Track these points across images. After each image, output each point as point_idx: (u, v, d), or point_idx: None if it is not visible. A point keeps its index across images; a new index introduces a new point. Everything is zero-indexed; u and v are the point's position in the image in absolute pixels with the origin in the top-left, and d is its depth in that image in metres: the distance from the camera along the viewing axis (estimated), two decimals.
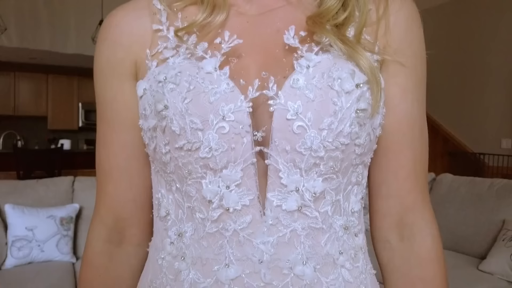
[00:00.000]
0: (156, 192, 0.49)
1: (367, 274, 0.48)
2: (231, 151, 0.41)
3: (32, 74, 6.50)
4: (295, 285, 0.41)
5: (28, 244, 2.32)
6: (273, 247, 0.41)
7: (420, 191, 0.50)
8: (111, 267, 0.51)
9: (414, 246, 0.49)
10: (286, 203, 0.42)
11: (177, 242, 0.45)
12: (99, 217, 0.51)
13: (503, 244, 2.19)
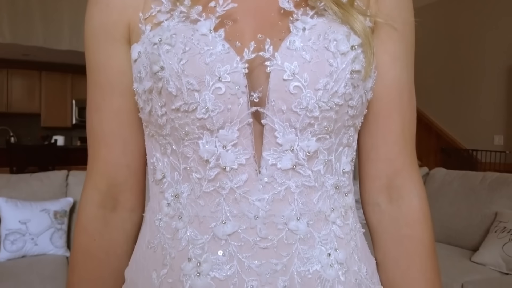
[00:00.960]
0: (150, 157, 0.49)
1: (357, 232, 0.49)
2: (227, 111, 0.42)
3: (25, 71, 6.46)
4: (289, 239, 0.43)
5: (22, 237, 2.31)
6: (268, 203, 0.43)
7: (408, 155, 0.52)
8: (105, 232, 0.51)
9: (402, 207, 0.51)
10: (281, 162, 0.43)
11: (173, 203, 0.45)
12: (92, 182, 0.51)
13: (495, 235, 2.21)
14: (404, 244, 0.50)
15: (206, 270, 0.42)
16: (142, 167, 0.52)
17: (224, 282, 0.42)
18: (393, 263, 0.51)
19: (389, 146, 0.51)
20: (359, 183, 0.55)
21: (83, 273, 0.50)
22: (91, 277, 0.50)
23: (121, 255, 0.52)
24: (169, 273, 0.44)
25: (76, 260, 0.50)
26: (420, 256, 0.50)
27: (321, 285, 0.43)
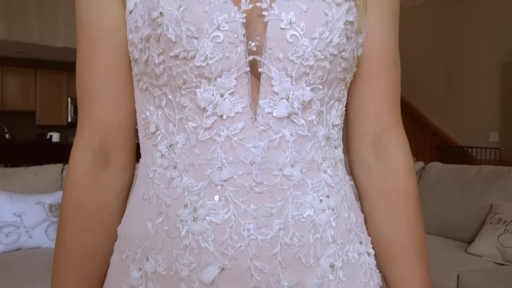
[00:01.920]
0: (143, 112, 0.49)
1: (346, 183, 0.52)
2: (225, 60, 0.42)
3: (20, 68, 6.44)
4: (284, 185, 0.44)
5: (16, 230, 2.29)
6: (264, 150, 0.44)
7: (395, 113, 0.55)
8: (97, 188, 0.50)
9: (389, 163, 0.53)
10: (277, 110, 0.44)
11: (168, 154, 0.46)
12: (84, 139, 0.50)
13: (490, 227, 2.22)
14: (392, 197, 0.53)
15: (202, 215, 0.43)
16: (133, 126, 0.52)
17: (221, 226, 0.43)
18: (381, 215, 0.53)
19: (377, 104, 0.54)
20: (347, 143, 0.57)
21: (75, 228, 0.49)
22: (82, 232, 0.49)
23: (113, 213, 0.51)
24: (165, 221, 0.45)
25: (67, 216, 0.50)
26: (406, 207, 0.53)
27: (314, 229, 0.45)
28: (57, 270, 0.49)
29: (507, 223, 2.15)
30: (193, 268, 0.43)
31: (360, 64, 0.52)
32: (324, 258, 0.45)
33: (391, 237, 0.52)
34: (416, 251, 0.52)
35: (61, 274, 0.49)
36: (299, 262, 0.44)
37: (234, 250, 0.42)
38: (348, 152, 0.57)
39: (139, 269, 0.46)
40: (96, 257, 0.50)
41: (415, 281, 0.51)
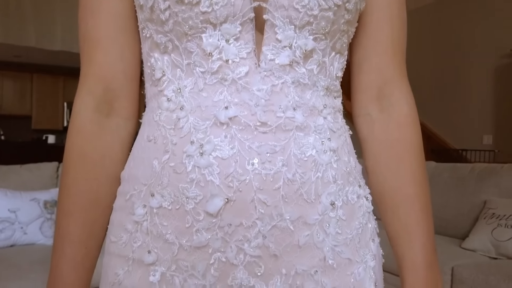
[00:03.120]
0: (148, 60, 0.50)
1: (346, 131, 0.53)
2: (230, 6, 0.43)
3: (16, 73, 6.44)
4: (287, 126, 0.46)
5: (11, 226, 2.28)
6: (268, 94, 0.45)
7: (398, 65, 0.54)
8: (100, 136, 0.50)
9: (393, 114, 0.53)
10: (279, 57, 0.45)
11: (175, 97, 0.47)
12: (87, 87, 0.51)
13: (484, 222, 2.24)
14: (395, 147, 0.53)
15: (208, 151, 0.44)
16: (138, 77, 0.53)
17: (226, 160, 0.44)
18: (384, 166, 0.53)
19: (379, 56, 0.54)
20: (351, 98, 0.57)
21: (78, 175, 0.49)
22: (86, 178, 0.50)
23: (116, 161, 0.52)
24: (171, 158, 0.46)
25: (70, 162, 0.50)
26: (409, 158, 0.52)
27: (315, 168, 0.47)
28: (61, 216, 0.50)
29: (500, 218, 2.17)
30: (199, 201, 0.44)
31: (363, 16, 0.52)
32: (325, 196, 0.47)
33: (394, 188, 0.52)
34: (420, 202, 0.52)
35: (65, 220, 0.49)
36: (301, 198, 0.46)
37: (238, 183, 0.44)
38: (351, 106, 0.57)
39: (144, 206, 0.47)
40: (100, 204, 0.50)
41: (419, 232, 0.51)
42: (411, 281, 0.51)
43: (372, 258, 0.51)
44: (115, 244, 0.49)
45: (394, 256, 0.53)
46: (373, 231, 0.52)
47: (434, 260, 0.52)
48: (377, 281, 0.51)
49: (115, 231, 0.49)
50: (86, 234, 0.49)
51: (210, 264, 0.45)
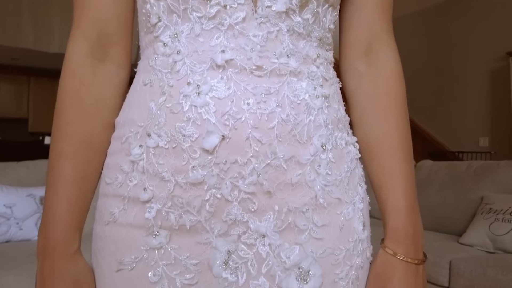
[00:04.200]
0: (143, 7, 0.50)
1: (336, 83, 0.55)
2: None
3: (13, 76, 6.43)
4: (281, 70, 0.47)
5: (6, 221, 2.27)
6: (263, 40, 0.47)
7: (387, 22, 0.57)
8: (94, 80, 0.50)
9: (380, 69, 0.56)
10: (276, 4, 0.47)
11: (171, 42, 0.47)
12: (81, 31, 0.51)
13: (481, 217, 2.24)
14: (381, 100, 0.55)
15: (205, 91, 0.45)
16: (131, 24, 0.53)
17: (222, 100, 0.45)
18: (370, 118, 0.56)
19: (369, 11, 0.56)
20: (339, 53, 0.59)
21: (72, 116, 0.49)
22: (79, 120, 0.49)
23: (110, 107, 0.52)
24: (168, 99, 0.46)
25: (64, 104, 0.50)
26: (395, 110, 0.55)
27: (307, 111, 0.49)
28: (54, 158, 0.49)
29: (497, 212, 2.17)
30: (195, 139, 0.45)
31: None
32: (317, 138, 0.49)
33: (380, 138, 0.55)
34: (403, 151, 0.54)
35: (58, 161, 0.49)
36: (294, 139, 0.47)
37: (234, 121, 0.45)
38: (340, 62, 0.59)
39: (141, 146, 0.47)
40: (93, 146, 0.50)
41: (402, 178, 0.53)
42: (393, 223, 0.53)
43: (361, 200, 0.53)
44: (110, 186, 0.49)
45: (377, 202, 0.56)
46: (361, 177, 0.55)
47: (415, 205, 0.54)
48: (365, 223, 0.53)
49: (110, 173, 0.49)
50: (80, 175, 0.49)
51: (205, 200, 0.46)
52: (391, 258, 0.52)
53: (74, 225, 0.49)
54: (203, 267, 0.46)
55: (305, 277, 0.47)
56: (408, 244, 0.52)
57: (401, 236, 0.52)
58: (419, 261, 0.53)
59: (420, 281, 0.53)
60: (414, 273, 0.52)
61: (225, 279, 0.46)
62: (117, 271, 0.47)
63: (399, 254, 0.52)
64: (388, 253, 0.52)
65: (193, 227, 0.46)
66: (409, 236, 0.52)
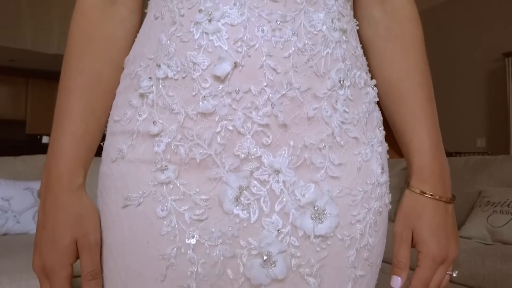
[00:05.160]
0: None
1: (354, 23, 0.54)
2: None
3: (11, 78, 6.43)
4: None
5: (4, 214, 2.26)
6: None
7: None
8: (105, 21, 0.50)
9: (396, 14, 0.56)
10: None
11: None
12: None
13: (479, 209, 2.24)
14: (399, 42, 0.55)
15: (217, 17, 0.44)
16: None
17: (235, 27, 0.44)
18: (389, 61, 0.55)
19: None
20: (353, 3, 0.59)
21: (80, 54, 0.49)
22: (89, 59, 0.49)
23: (119, 48, 0.51)
24: (178, 29, 0.45)
25: (73, 43, 0.50)
26: (413, 51, 0.55)
27: (325, 43, 0.47)
28: (62, 95, 0.49)
29: (495, 205, 2.18)
30: (206, 67, 0.44)
31: None
32: (334, 72, 0.47)
33: (400, 78, 0.54)
34: (424, 90, 0.54)
35: (65, 98, 0.49)
36: (311, 70, 0.45)
37: (247, 48, 0.44)
38: (355, 10, 0.59)
39: (150, 78, 0.46)
40: (102, 85, 0.50)
41: (424, 116, 0.53)
42: (418, 162, 0.52)
43: (379, 144, 0.51)
44: (118, 123, 0.48)
45: (400, 147, 0.55)
46: (379, 121, 0.53)
47: (440, 144, 0.53)
48: (383, 167, 0.51)
49: (118, 110, 0.49)
50: (87, 111, 0.48)
51: (216, 132, 0.44)
52: (419, 197, 0.51)
53: (78, 160, 0.48)
54: (213, 202, 0.44)
55: (321, 216, 0.45)
56: (435, 182, 0.51)
57: (427, 174, 0.51)
58: (448, 199, 0.51)
59: (450, 220, 0.52)
60: (443, 212, 0.51)
61: (236, 215, 0.44)
62: (124, 207, 0.46)
63: (427, 192, 0.51)
64: (415, 192, 0.51)
65: (203, 161, 0.44)
66: (435, 173, 0.51)
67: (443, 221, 0.51)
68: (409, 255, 0.52)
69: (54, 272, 0.45)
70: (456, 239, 0.52)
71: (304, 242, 0.45)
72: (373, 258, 0.50)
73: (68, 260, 0.46)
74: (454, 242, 0.52)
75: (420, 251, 0.51)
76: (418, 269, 0.50)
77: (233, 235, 0.44)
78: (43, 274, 0.46)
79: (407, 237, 0.51)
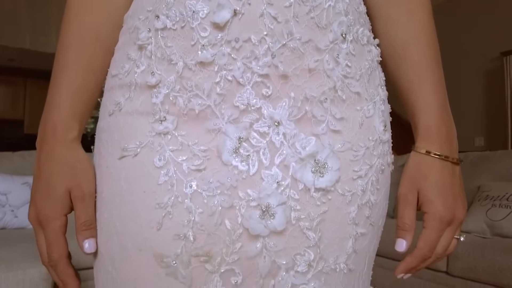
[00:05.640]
0: None
1: None
2: None
3: (10, 78, 6.43)
4: None
5: (1, 208, 2.25)
6: None
7: None
8: None
9: None
10: None
11: None
12: None
13: (478, 204, 2.24)
14: (404, 5, 0.54)
15: None
16: None
17: None
18: (395, 23, 0.54)
19: None
20: None
21: (79, 10, 0.49)
22: (87, 14, 0.49)
23: (119, 6, 0.50)
24: None
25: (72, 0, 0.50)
26: (420, 12, 0.54)
27: None
28: (59, 50, 0.49)
29: (494, 199, 2.17)
30: (205, 15, 0.43)
31: None
32: (336, 24, 0.46)
33: (406, 40, 0.53)
34: (430, 51, 0.53)
35: (62, 52, 0.48)
36: (312, 22, 0.45)
37: None
38: None
39: (149, 30, 0.45)
40: (99, 41, 0.49)
41: (430, 77, 0.53)
42: (425, 122, 0.51)
43: (381, 102, 0.51)
44: (116, 77, 0.48)
45: (406, 111, 0.54)
46: (382, 81, 0.52)
47: (446, 104, 0.53)
48: (386, 124, 0.51)
49: (116, 65, 0.48)
50: (83, 66, 0.48)
51: (215, 83, 0.43)
52: (425, 158, 0.50)
53: (72, 113, 0.47)
54: (212, 154, 0.44)
55: (321, 169, 0.45)
56: (442, 142, 0.50)
57: (434, 134, 0.51)
58: (455, 160, 0.51)
59: (457, 182, 0.51)
60: (450, 172, 0.50)
61: (235, 167, 0.43)
62: (120, 158, 0.45)
63: (433, 152, 0.50)
64: (421, 153, 0.51)
65: (202, 112, 0.44)
66: (442, 134, 0.51)
67: (450, 181, 0.50)
68: (414, 217, 0.50)
69: (48, 221, 0.45)
70: (463, 201, 0.51)
71: (304, 196, 0.45)
72: (374, 217, 0.49)
73: (62, 210, 0.46)
74: (461, 204, 0.50)
75: (427, 211, 0.50)
76: (425, 230, 0.49)
77: (231, 185, 0.43)
78: (38, 224, 0.47)
79: (412, 199, 0.50)
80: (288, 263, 0.45)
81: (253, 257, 0.44)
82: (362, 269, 0.50)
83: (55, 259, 0.46)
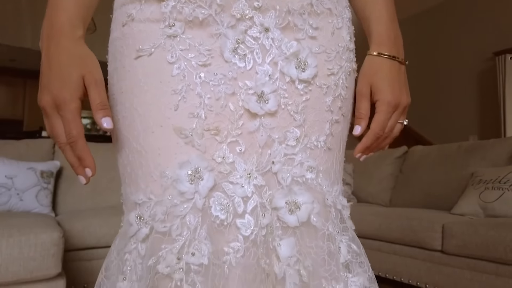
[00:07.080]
0: None
1: None
2: None
3: (10, 78, 6.47)
4: None
5: (7, 192, 2.29)
6: None
7: None
8: None
9: None
10: None
11: None
12: None
13: (472, 188, 2.31)
14: None
15: None
16: None
17: None
18: None
19: None
20: None
21: None
22: None
23: None
24: None
25: None
26: None
27: None
28: None
29: (487, 182, 2.24)
30: None
31: None
32: None
33: None
34: None
35: None
36: None
37: None
38: None
39: None
40: None
41: None
42: (376, 29, 0.62)
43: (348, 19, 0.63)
44: None
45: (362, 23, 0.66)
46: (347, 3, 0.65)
47: (395, 19, 0.64)
48: (351, 36, 0.63)
49: None
50: None
51: None
52: (376, 58, 0.62)
53: (77, 13, 0.52)
54: (215, 53, 0.54)
55: (303, 66, 0.56)
56: (391, 45, 0.62)
57: (384, 39, 0.62)
58: (402, 60, 0.62)
59: (402, 78, 0.62)
60: (397, 69, 0.62)
61: (234, 63, 0.54)
62: (136, 58, 0.54)
63: (383, 53, 0.61)
64: (373, 55, 0.62)
65: (205, 20, 0.53)
66: (391, 39, 0.62)
67: (396, 76, 0.62)
68: (368, 107, 0.61)
69: (65, 103, 0.49)
70: (407, 92, 0.63)
71: (290, 87, 0.56)
72: (345, 109, 0.62)
73: (77, 93, 0.50)
74: (406, 93, 0.63)
75: (378, 99, 0.61)
76: (376, 114, 0.61)
77: (232, 77, 0.54)
78: (54, 109, 0.50)
79: (366, 92, 0.61)
80: (280, 137, 0.56)
81: (253, 132, 0.54)
82: (338, 150, 0.62)
83: (75, 135, 0.50)
